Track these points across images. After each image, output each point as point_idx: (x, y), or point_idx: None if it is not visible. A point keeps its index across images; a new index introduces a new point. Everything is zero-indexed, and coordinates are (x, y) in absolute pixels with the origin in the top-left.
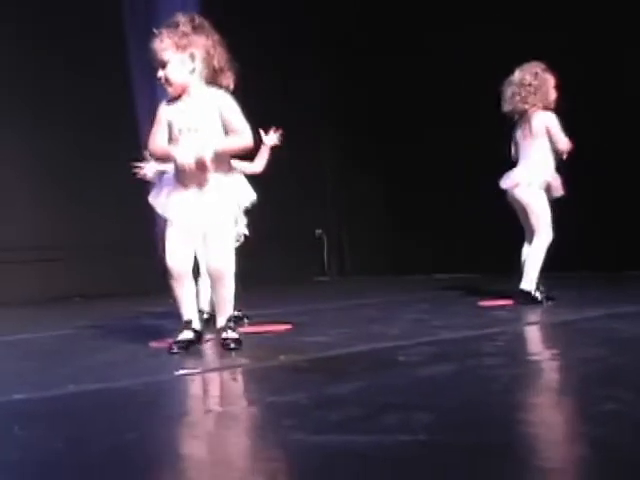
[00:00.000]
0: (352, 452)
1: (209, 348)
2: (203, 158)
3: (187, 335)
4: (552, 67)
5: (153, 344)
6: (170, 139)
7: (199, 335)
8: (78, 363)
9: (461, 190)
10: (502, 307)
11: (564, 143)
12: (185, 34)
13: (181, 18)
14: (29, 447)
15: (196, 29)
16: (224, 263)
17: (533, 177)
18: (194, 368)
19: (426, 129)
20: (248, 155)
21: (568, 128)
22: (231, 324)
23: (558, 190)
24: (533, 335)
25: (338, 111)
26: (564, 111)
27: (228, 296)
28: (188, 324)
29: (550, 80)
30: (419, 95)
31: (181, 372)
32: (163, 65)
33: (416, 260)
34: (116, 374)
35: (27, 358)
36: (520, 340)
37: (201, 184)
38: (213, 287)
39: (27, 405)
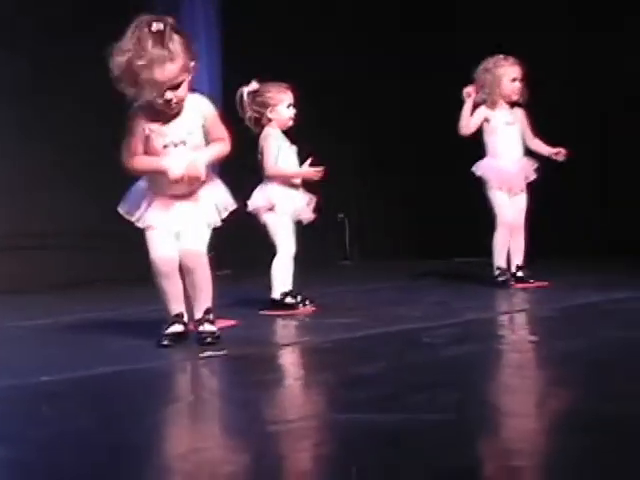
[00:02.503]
0: (381, 430)
1: (236, 330)
2: (197, 174)
3: (177, 328)
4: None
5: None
6: (147, 153)
7: (187, 328)
8: (103, 346)
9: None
10: (526, 289)
11: None
12: (187, 47)
13: (166, 27)
14: (56, 425)
15: (182, 36)
16: (198, 248)
17: None
18: (219, 350)
19: (449, 115)
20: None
21: None
22: (209, 316)
23: None
24: (554, 317)
25: (362, 96)
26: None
27: (205, 286)
28: (178, 317)
29: (505, 73)
30: (441, 87)
31: (206, 354)
32: (176, 87)
33: (438, 244)
34: (141, 356)
35: (51, 342)
36: (541, 322)
37: (187, 195)
38: (188, 276)
39: (55, 386)
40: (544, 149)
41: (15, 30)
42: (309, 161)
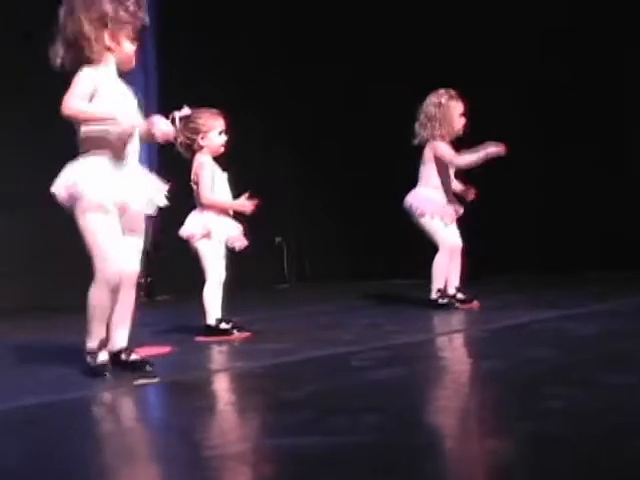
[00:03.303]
0: (303, 454)
1: (170, 357)
2: (167, 129)
3: (105, 355)
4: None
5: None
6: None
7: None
8: (35, 375)
9: None
10: (460, 311)
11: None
12: None
13: None
14: None
15: None
16: (138, 268)
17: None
18: (152, 378)
19: (392, 137)
20: None
21: None
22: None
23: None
24: (485, 338)
25: (297, 116)
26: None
27: (132, 307)
28: (103, 343)
29: (455, 108)
30: (385, 105)
31: (140, 382)
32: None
33: (376, 266)
34: (73, 385)
35: None
36: (472, 343)
37: (124, 160)
38: (124, 297)
39: None
40: (457, 186)
41: None
42: (246, 194)
